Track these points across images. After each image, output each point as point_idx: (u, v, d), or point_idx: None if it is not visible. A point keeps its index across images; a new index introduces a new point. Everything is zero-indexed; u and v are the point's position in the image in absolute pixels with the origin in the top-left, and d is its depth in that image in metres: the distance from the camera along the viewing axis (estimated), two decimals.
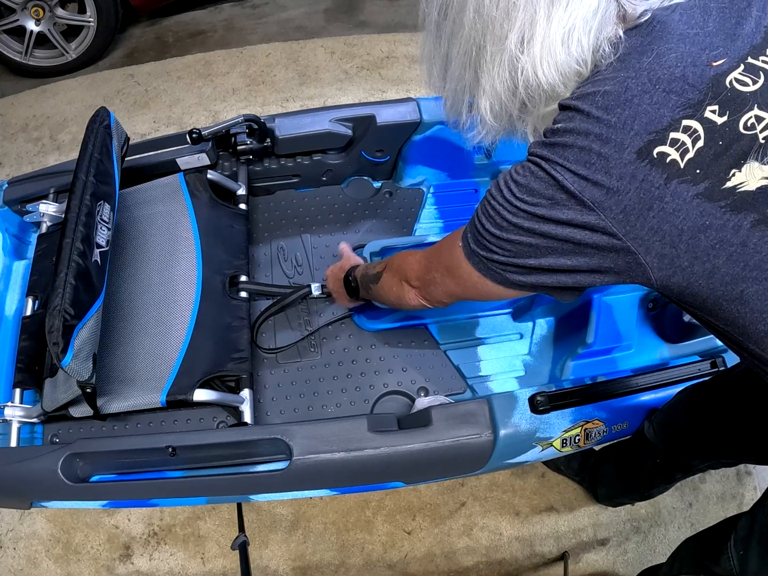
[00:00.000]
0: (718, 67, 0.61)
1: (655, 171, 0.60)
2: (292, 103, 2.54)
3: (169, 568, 1.64)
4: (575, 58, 0.66)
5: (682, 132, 0.60)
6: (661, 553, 1.66)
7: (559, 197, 0.64)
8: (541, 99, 0.71)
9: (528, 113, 0.74)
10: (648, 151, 0.60)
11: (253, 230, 1.57)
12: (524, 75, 0.68)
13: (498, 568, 1.64)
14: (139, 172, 1.47)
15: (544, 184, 0.65)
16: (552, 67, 0.66)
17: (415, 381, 1.38)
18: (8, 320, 1.38)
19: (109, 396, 1.18)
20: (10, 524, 1.68)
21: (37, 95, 2.61)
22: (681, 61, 0.61)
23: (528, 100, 0.71)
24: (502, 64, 0.69)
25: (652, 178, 0.60)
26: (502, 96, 0.72)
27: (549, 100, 0.71)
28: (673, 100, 0.60)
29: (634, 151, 0.60)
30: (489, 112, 0.75)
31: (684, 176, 0.60)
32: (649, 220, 0.61)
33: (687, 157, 0.60)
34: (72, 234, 1.10)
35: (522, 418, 1.08)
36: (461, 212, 1.64)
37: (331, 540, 1.66)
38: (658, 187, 0.60)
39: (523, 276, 0.73)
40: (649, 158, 0.60)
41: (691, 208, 0.60)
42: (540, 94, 0.70)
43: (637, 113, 0.61)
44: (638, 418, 1.20)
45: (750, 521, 0.96)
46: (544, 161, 0.66)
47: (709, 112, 0.60)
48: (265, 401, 1.36)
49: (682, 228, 0.61)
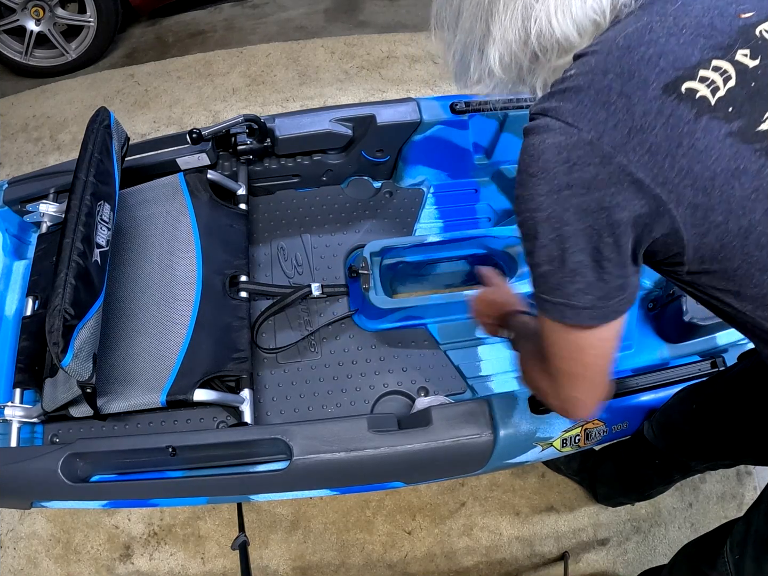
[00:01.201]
0: (747, 19, 0.59)
1: (683, 106, 0.56)
2: (292, 103, 2.54)
3: (169, 568, 1.64)
4: (592, 7, 0.63)
5: (713, 71, 0.57)
6: (661, 553, 1.66)
7: (576, 156, 0.59)
8: (554, 50, 0.67)
9: (539, 65, 0.71)
10: (675, 87, 0.57)
11: (253, 230, 1.57)
12: (537, 24, 0.65)
13: (498, 568, 1.64)
14: (139, 172, 1.47)
15: (556, 148, 0.60)
16: (567, 16, 0.63)
17: (415, 381, 1.38)
18: (8, 320, 1.38)
19: (109, 396, 1.18)
20: (10, 524, 1.68)
21: (37, 95, 2.61)
22: (708, 12, 0.59)
23: (540, 51, 0.68)
24: (515, 11, 0.66)
25: (681, 113, 0.56)
26: (513, 46, 0.69)
27: (562, 52, 0.67)
28: (702, 42, 0.58)
29: (659, 87, 0.57)
30: (498, 64, 0.72)
31: (715, 112, 0.56)
32: (678, 159, 0.57)
33: (718, 95, 0.57)
34: (72, 234, 1.10)
35: (522, 418, 1.08)
36: (461, 212, 1.64)
37: (331, 540, 1.66)
38: (688, 122, 0.56)
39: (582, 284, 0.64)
40: (676, 93, 0.56)
41: (724, 147, 0.56)
42: (553, 45, 0.67)
43: (663, 52, 0.58)
44: (638, 418, 1.20)
45: (745, 526, 0.95)
46: (550, 114, 0.61)
47: (740, 55, 0.58)
48: (265, 401, 1.36)
49: (714, 171, 0.57)
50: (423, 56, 2.69)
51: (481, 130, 1.58)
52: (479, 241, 1.48)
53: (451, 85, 2.99)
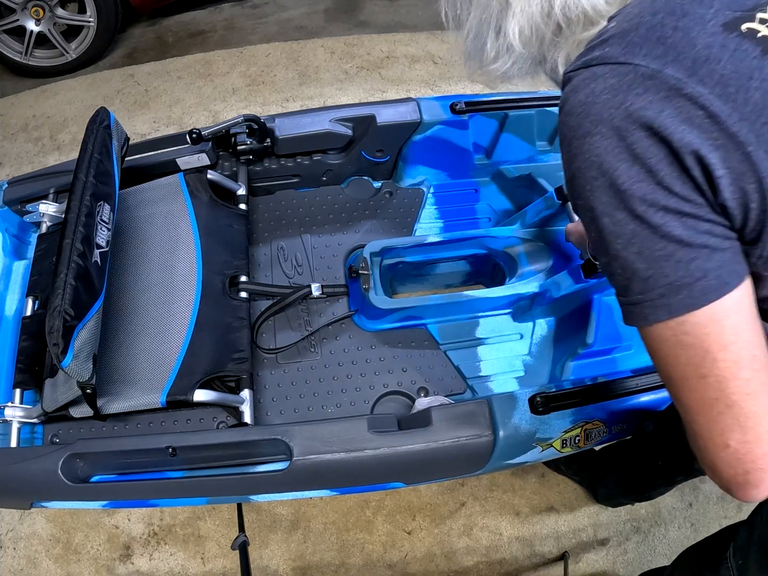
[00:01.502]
0: None
1: (747, 43, 0.52)
2: (292, 103, 2.54)
3: (169, 568, 1.64)
4: None
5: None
6: (661, 553, 1.66)
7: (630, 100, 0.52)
8: (580, 21, 0.62)
9: (563, 38, 0.66)
10: (735, 26, 0.52)
11: (253, 230, 1.57)
12: None
13: (498, 568, 1.64)
14: (139, 172, 1.47)
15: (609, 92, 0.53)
16: None
17: (415, 381, 1.38)
18: (8, 320, 1.38)
19: (109, 396, 1.18)
20: (10, 524, 1.68)
21: (37, 95, 2.61)
22: None
23: (564, 22, 0.63)
24: None
25: (746, 48, 0.52)
26: (535, 17, 0.64)
27: (588, 24, 0.62)
28: None
29: (719, 24, 0.52)
30: (518, 37, 0.67)
31: None
32: (752, 93, 0.51)
33: None
34: (72, 235, 1.10)
35: (522, 418, 1.08)
36: (461, 212, 1.64)
37: (331, 540, 1.66)
38: (755, 57, 0.51)
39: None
40: (737, 31, 0.52)
41: None
42: (579, 16, 0.62)
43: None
44: (638, 419, 1.20)
45: (748, 530, 0.94)
46: (594, 63, 0.55)
47: None
48: (265, 401, 1.36)
49: None
50: (423, 56, 2.69)
51: (481, 130, 1.58)
52: (479, 242, 1.48)
53: (451, 85, 2.97)
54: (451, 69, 2.63)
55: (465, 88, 2.55)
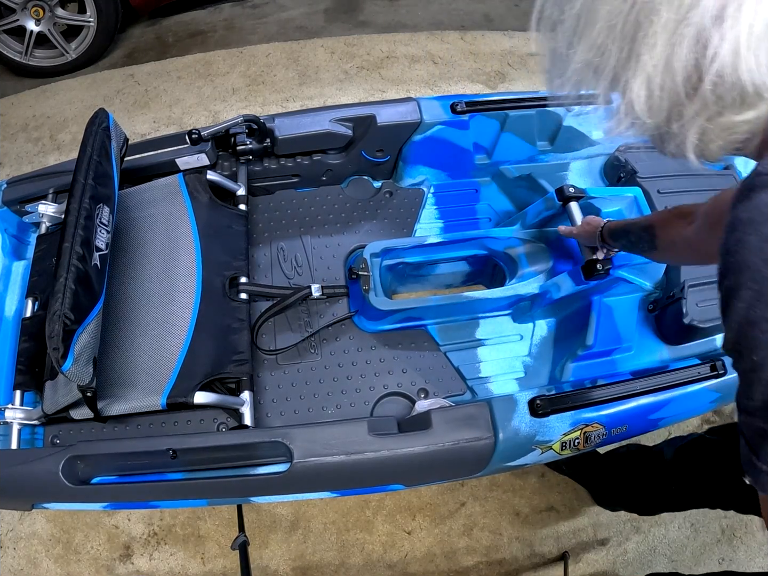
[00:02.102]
0: None
1: None
2: (292, 103, 2.54)
3: (169, 568, 1.64)
4: None
5: None
6: (661, 553, 1.66)
7: None
8: (735, 102, 0.49)
9: (704, 116, 0.51)
10: None
11: (253, 231, 1.57)
12: (718, 62, 0.46)
13: (498, 568, 1.65)
14: (138, 173, 1.47)
15: None
16: (765, 58, 0.45)
17: (415, 382, 1.38)
18: (8, 321, 1.38)
19: (109, 399, 1.18)
20: (10, 524, 1.68)
21: (37, 95, 2.61)
22: None
23: (711, 97, 0.49)
24: (682, 38, 0.47)
25: None
26: (677, 80, 0.49)
27: (745, 106, 0.49)
28: None
29: None
30: (644, 102, 0.52)
31: None
32: None
33: None
34: (71, 238, 1.10)
35: (522, 421, 1.08)
36: (461, 212, 1.64)
37: (331, 540, 1.67)
38: None
39: None
40: None
41: None
42: (734, 97, 0.48)
43: None
44: (638, 421, 1.19)
45: None
46: None
47: None
48: (265, 403, 1.36)
49: None
50: (423, 56, 2.68)
51: (482, 130, 1.58)
52: (479, 242, 1.48)
53: (451, 85, 2.95)
54: (451, 69, 2.63)
55: (465, 88, 2.55)
